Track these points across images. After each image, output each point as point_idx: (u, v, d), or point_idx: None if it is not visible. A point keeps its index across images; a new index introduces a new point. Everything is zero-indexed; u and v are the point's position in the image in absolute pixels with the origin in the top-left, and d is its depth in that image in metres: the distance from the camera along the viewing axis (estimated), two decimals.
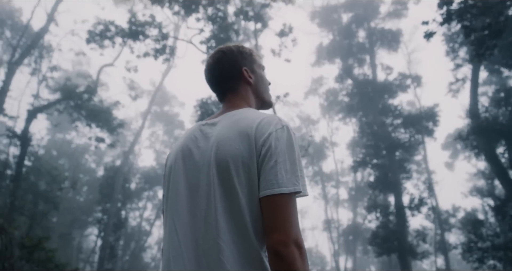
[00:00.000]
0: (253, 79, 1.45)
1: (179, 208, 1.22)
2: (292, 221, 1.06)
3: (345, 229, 34.68)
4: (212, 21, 15.38)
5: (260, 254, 1.11)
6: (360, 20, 26.69)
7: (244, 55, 1.46)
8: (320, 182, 37.60)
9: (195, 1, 14.69)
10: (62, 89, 18.75)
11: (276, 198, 1.08)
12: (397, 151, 20.89)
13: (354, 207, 35.70)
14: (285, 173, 1.10)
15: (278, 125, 1.19)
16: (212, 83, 1.46)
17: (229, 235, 1.10)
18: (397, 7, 27.42)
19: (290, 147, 1.16)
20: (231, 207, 1.12)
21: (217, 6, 15.36)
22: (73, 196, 35.98)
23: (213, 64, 1.44)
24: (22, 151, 17.73)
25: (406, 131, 21.42)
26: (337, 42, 28.02)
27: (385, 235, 17.80)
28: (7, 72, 17.04)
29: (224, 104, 1.42)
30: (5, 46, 23.92)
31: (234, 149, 1.16)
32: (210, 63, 1.45)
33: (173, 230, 1.20)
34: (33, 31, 21.33)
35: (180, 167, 1.28)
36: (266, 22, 16.26)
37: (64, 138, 41.00)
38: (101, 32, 14.90)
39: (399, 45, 26.78)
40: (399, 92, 23.83)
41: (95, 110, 19.48)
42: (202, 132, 1.31)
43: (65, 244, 31.15)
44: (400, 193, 19.31)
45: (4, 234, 11.28)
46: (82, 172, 38.81)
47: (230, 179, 1.14)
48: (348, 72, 25.77)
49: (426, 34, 7.39)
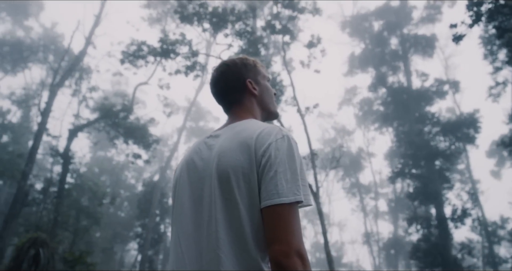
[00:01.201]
0: (257, 90, 1.45)
1: (183, 220, 1.23)
2: (294, 231, 1.04)
3: (386, 242, 33.44)
4: (240, 36, 15.59)
5: (261, 265, 1.08)
6: (392, 27, 26.21)
7: (248, 67, 1.46)
8: (357, 194, 36.67)
9: (222, 17, 14.98)
10: (100, 109, 19.54)
11: (277, 208, 1.06)
12: (437, 160, 20.06)
13: (394, 219, 34.44)
14: (285, 183, 1.09)
15: (278, 135, 1.18)
16: (217, 96, 1.47)
17: (229, 246, 1.09)
18: (430, 11, 26.74)
19: (290, 157, 1.14)
20: (231, 218, 1.12)
21: (245, 21, 15.56)
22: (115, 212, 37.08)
23: (217, 77, 1.45)
24: (64, 168, 18.53)
25: (446, 140, 20.59)
26: (369, 50, 27.63)
27: (427, 248, 17.00)
28: (50, 94, 17.97)
29: (229, 116, 1.43)
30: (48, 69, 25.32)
31: (235, 159, 1.16)
32: (215, 77, 1.46)
33: (177, 242, 1.21)
34: (73, 54, 22.49)
35: (185, 179, 1.29)
36: (294, 34, 16.28)
37: (105, 155, 42.52)
38: (134, 52, 15.48)
39: (434, 51, 26.03)
40: (436, 99, 23.05)
41: (132, 127, 20.11)
42: (206, 144, 1.32)
43: (107, 259, 32.01)
44: (441, 204, 18.45)
45: (47, 248, 11.72)
46: (122, 188, 39.98)
47: (230, 190, 1.13)
48: (382, 81, 25.25)
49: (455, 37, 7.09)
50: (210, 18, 15.15)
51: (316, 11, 16.00)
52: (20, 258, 10.97)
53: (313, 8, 16.04)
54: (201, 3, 14.78)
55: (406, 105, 22.78)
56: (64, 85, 21.23)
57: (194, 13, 14.59)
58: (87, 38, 20.41)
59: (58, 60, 24.20)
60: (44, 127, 17.32)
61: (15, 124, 27.23)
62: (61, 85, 19.27)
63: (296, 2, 15.86)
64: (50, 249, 11.86)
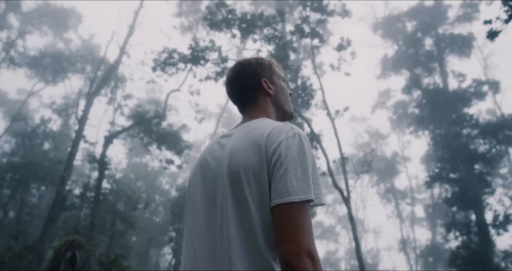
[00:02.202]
0: (272, 90, 1.44)
1: (196, 220, 1.23)
2: (304, 230, 1.02)
3: (424, 249, 32.23)
4: (269, 41, 15.62)
5: (272, 265, 1.06)
6: (426, 28, 25.47)
7: (264, 66, 1.46)
8: (393, 200, 35.64)
9: (251, 23, 15.07)
10: (133, 116, 20.09)
11: (286, 207, 1.04)
12: (476, 163, 19.19)
13: (432, 225, 33.17)
14: (295, 181, 1.07)
15: (289, 133, 1.17)
16: (232, 96, 1.47)
17: (240, 245, 1.08)
18: (467, 10, 25.78)
19: (301, 155, 1.12)
20: (242, 217, 1.11)
21: (273, 26, 15.58)
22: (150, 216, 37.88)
23: (232, 77, 1.45)
24: (100, 174, 19.14)
25: (485, 142, 19.66)
26: (403, 52, 26.98)
27: (467, 256, 16.23)
28: (86, 103, 18.68)
29: (244, 116, 1.43)
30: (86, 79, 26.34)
31: (245, 158, 1.15)
32: (230, 76, 1.47)
33: (189, 241, 1.21)
34: (108, 64, 23.31)
35: (198, 179, 1.29)
36: (322, 38, 16.14)
37: (141, 162, 43.63)
38: (165, 59, 15.84)
39: (471, 50, 25.03)
40: (474, 100, 22.11)
41: (164, 133, 20.53)
42: (219, 144, 1.32)
43: (143, 262, 32.67)
44: (481, 210, 17.59)
45: (83, 251, 12.09)
46: (157, 193, 40.82)
47: (241, 189, 1.13)
48: (416, 83, 24.54)
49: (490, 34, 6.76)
50: (239, 24, 15.29)
51: (345, 13, 15.80)
52: (58, 260, 11.38)
53: (342, 10, 15.86)
54: (230, 10, 14.95)
55: (443, 107, 22.00)
56: (100, 94, 22.02)
57: (222, 19, 14.77)
58: (121, 48, 21.12)
59: (95, 70, 25.13)
60: (81, 134, 17.99)
61: (55, 132, 28.43)
62: (97, 93, 20.00)
63: (325, 5, 15.72)
64: (86, 251, 12.22)
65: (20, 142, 26.49)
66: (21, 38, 28.59)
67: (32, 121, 28.76)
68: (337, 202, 44.11)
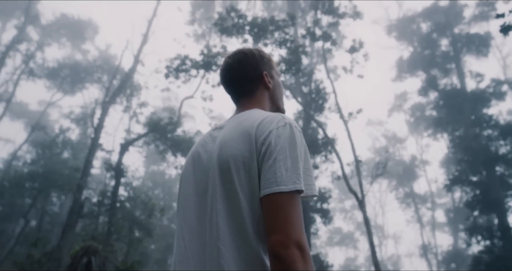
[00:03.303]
0: (271, 84, 1.42)
1: (187, 213, 1.20)
2: (293, 221, 0.99)
3: (446, 255, 31.36)
4: (280, 45, 15.60)
5: (262, 257, 1.04)
6: (441, 28, 25.08)
7: (264, 60, 1.44)
8: (412, 204, 34.90)
9: (261, 27, 15.08)
10: (148, 123, 20.29)
11: (275, 197, 1.02)
12: (497, 165, 18.63)
13: (454, 230, 32.29)
14: (285, 171, 1.04)
15: (280, 123, 1.14)
16: (229, 84, 1.42)
17: (230, 237, 1.05)
18: (483, 9, 25.27)
19: (292, 144, 1.09)
20: (232, 209, 1.08)
21: (284, 30, 15.57)
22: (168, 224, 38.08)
23: (233, 64, 1.40)
24: (117, 181, 19.34)
25: (506, 143, 19.10)
26: (418, 53, 26.62)
27: (490, 261, 15.68)
28: (102, 111, 18.97)
29: (238, 107, 1.40)
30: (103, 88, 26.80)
31: (235, 149, 1.13)
32: (229, 63, 1.41)
33: (180, 236, 1.19)
34: (124, 72, 23.68)
35: (190, 172, 1.27)
36: (334, 40, 16.03)
37: (158, 169, 44.02)
38: (177, 66, 15.98)
39: (489, 50, 24.46)
40: (494, 100, 21.55)
41: (179, 140, 20.65)
42: (211, 136, 1.29)
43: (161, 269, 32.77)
44: (504, 213, 17.04)
45: (98, 257, 12.19)
46: (174, 200, 41.06)
47: (231, 180, 1.10)
48: (433, 84, 24.13)
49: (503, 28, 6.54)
50: (250, 28, 15.33)
51: (356, 15, 15.68)
52: (74, 265, 11.49)
53: (353, 12, 15.74)
54: (240, 15, 15.01)
55: (461, 109, 21.52)
56: (115, 102, 22.36)
57: (233, 24, 14.83)
58: (136, 57, 21.42)
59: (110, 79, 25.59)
60: (97, 142, 18.25)
61: (74, 141, 28.97)
62: (112, 102, 20.30)
63: (336, 7, 15.64)
64: (102, 257, 12.31)
65: (41, 151, 27.08)
66: (40, 50, 29.36)
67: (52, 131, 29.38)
68: (355, 207, 43.48)
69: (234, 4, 22.45)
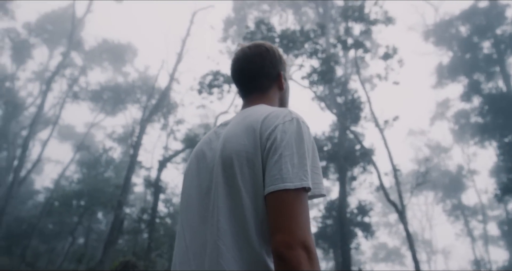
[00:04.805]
0: (284, 86, 1.39)
1: (189, 213, 1.15)
2: (299, 220, 0.93)
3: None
4: (311, 56, 15.48)
5: (265, 260, 0.98)
6: (482, 30, 24.03)
7: (282, 60, 1.40)
8: (461, 217, 32.96)
9: (291, 38, 15.06)
10: (185, 140, 20.63)
11: (280, 194, 0.96)
12: None
13: (509, 244, 30.06)
14: (291, 167, 0.98)
15: (287, 117, 1.09)
16: (245, 76, 1.35)
17: (231, 237, 1.00)
18: None
19: (299, 140, 1.04)
20: (234, 207, 1.03)
21: (314, 40, 15.46)
22: None
23: (254, 57, 1.34)
24: (156, 197, 19.69)
25: None
26: (459, 58, 25.63)
27: None
28: (140, 129, 19.52)
29: (246, 103, 1.34)
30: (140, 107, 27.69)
31: (239, 144, 1.08)
32: (249, 55, 1.35)
33: (181, 236, 1.15)
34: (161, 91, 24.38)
35: (193, 171, 1.22)
36: (367, 48, 15.71)
37: None
38: (210, 82, 16.22)
39: None
40: None
41: None
42: (216, 134, 1.25)
43: None
44: None
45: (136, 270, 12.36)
46: None
47: (233, 177, 1.05)
48: (476, 89, 23.04)
49: None
50: (280, 40, 15.34)
51: (388, 20, 15.34)
52: None
53: (384, 18, 15.40)
54: (269, 27, 15.09)
55: (508, 113, 20.32)
56: (153, 120, 22.96)
57: (263, 37, 14.91)
58: (171, 75, 22.03)
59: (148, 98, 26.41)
60: (135, 159, 18.74)
61: (116, 160, 29.98)
62: (150, 120, 20.87)
63: (367, 14, 15.37)
64: None
65: (86, 170, 28.21)
66: (83, 75, 30.95)
67: (96, 151, 30.59)
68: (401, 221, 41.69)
69: (266, 19, 22.68)
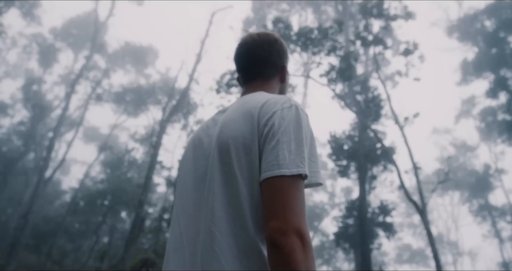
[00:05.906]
0: (285, 79, 1.39)
1: (184, 199, 1.15)
2: (294, 207, 0.92)
3: None
4: (329, 53, 15.33)
5: (260, 247, 0.97)
6: (509, 24, 23.25)
7: (287, 54, 1.41)
8: (488, 218, 31.91)
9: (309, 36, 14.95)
10: None
11: (276, 181, 0.95)
12: None
13: None
14: (288, 154, 0.98)
15: (285, 104, 1.09)
16: (251, 61, 1.33)
17: (226, 223, 0.99)
18: None
19: (297, 127, 1.04)
20: (229, 193, 1.02)
21: (332, 37, 15.29)
22: None
23: (263, 44, 1.32)
24: None
25: None
26: (484, 53, 24.85)
27: None
28: (160, 129, 19.77)
29: (245, 89, 1.33)
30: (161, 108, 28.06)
31: (236, 130, 1.08)
32: (257, 41, 1.33)
33: (175, 222, 1.14)
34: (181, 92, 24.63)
35: (189, 157, 1.21)
36: (386, 44, 15.42)
37: None
38: (228, 81, 16.26)
39: None
40: None
41: None
42: (213, 120, 1.24)
43: None
44: None
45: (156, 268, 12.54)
46: None
47: (230, 163, 1.04)
48: (503, 85, 22.29)
49: None
50: (297, 38, 15.25)
51: (408, 15, 15.02)
52: None
53: (404, 13, 15.07)
54: (287, 25, 15.01)
55: None
56: (174, 121, 23.21)
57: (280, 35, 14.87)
58: (190, 76, 22.20)
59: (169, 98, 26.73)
60: (155, 159, 18.97)
61: (138, 160, 30.48)
62: (170, 120, 21.11)
63: (386, 9, 15.09)
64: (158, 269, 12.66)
65: (109, 170, 28.82)
66: (106, 77, 31.62)
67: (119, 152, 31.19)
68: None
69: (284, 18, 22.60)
